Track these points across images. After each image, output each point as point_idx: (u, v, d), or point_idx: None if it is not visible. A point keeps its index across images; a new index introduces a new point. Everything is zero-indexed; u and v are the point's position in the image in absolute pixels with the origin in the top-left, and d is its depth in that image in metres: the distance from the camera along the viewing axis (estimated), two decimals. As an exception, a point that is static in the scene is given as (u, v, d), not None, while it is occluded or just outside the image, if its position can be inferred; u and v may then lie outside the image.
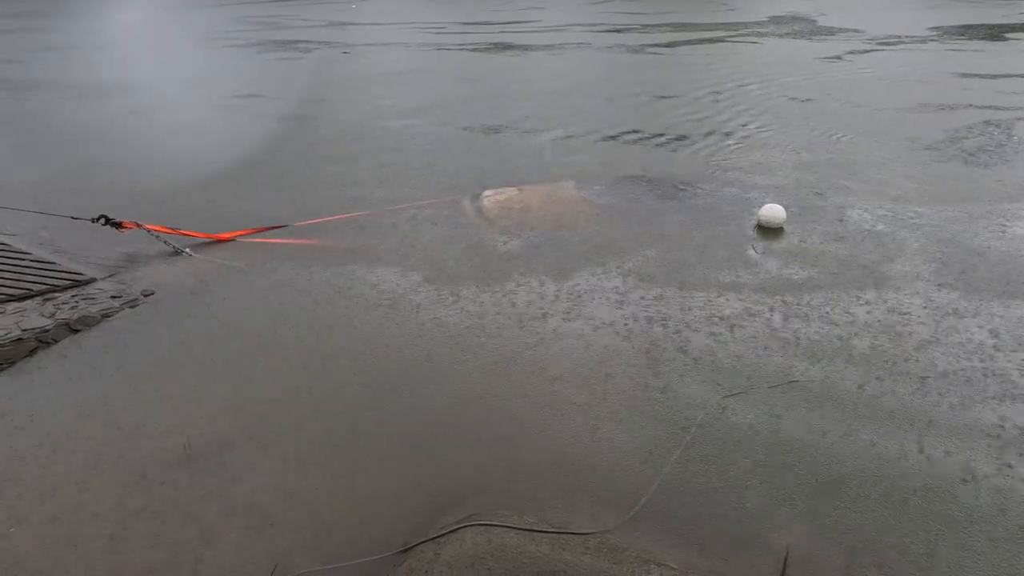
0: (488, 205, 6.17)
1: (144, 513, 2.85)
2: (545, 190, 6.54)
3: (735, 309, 4.29)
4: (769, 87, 11.15)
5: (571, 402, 3.45)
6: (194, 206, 6.32)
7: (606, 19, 22.55)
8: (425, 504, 2.86)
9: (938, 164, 7.06)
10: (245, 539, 2.72)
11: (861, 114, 9.22)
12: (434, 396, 3.54)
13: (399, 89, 11.83)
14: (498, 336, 4.06)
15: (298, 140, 8.73)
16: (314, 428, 3.34)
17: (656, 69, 13.17)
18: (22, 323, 4.23)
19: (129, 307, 4.54)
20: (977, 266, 4.78)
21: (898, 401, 3.38)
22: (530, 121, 9.32)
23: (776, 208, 5.59)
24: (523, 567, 2.50)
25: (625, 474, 2.97)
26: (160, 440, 3.27)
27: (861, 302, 4.34)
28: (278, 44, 18.37)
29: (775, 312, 4.25)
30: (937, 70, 12.13)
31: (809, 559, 2.53)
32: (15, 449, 3.25)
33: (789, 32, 18.94)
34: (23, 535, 2.77)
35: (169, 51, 18.06)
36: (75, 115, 10.51)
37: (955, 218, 5.63)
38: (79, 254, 5.29)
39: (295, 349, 4.00)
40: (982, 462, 2.97)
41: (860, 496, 2.81)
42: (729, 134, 8.39)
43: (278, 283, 4.80)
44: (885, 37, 17.30)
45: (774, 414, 3.30)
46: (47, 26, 25.10)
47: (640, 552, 2.54)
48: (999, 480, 2.87)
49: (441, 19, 23.89)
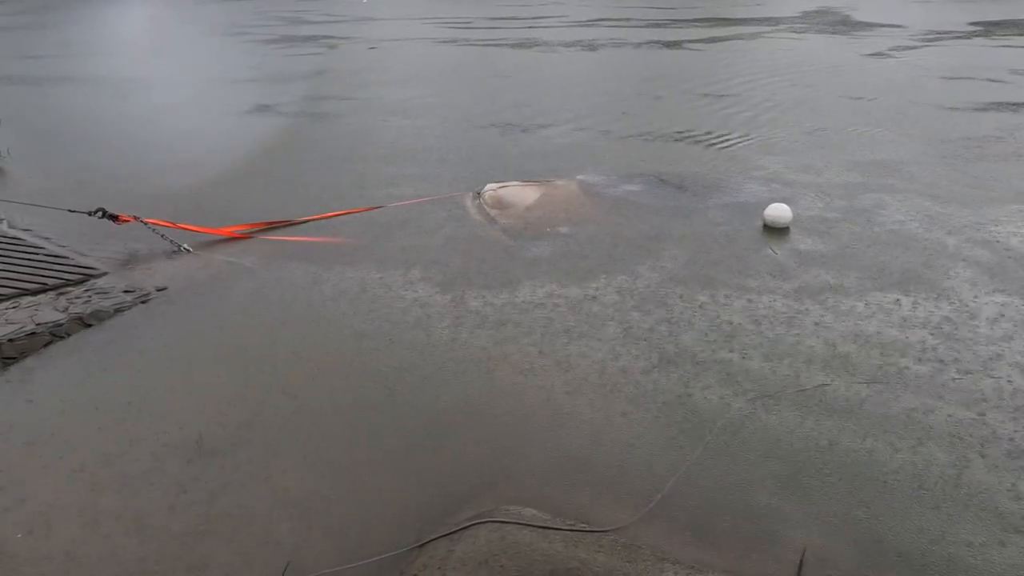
0: (490, 199, 6.30)
1: (155, 508, 2.96)
2: (572, 190, 6.62)
3: (766, 311, 4.34)
4: (819, 85, 11.18)
5: (587, 401, 3.52)
6: (205, 202, 6.48)
7: (633, 14, 22.62)
8: (438, 501, 2.94)
9: (995, 164, 7.07)
10: (258, 535, 2.82)
11: (917, 112, 9.22)
12: (447, 394, 3.64)
13: (428, 86, 12.00)
14: (511, 334, 4.15)
15: (318, 137, 8.89)
16: (327, 425, 3.45)
17: (699, 66, 13.23)
18: (36, 317, 4.38)
19: (141, 302, 4.67)
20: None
21: (930, 408, 3.42)
22: (581, 119, 9.42)
23: (782, 208, 5.63)
24: (536, 564, 2.57)
25: (641, 473, 3.04)
26: (172, 435, 3.39)
27: (898, 305, 4.37)
28: (304, 40, 18.62)
29: (809, 314, 4.30)
30: (989, 66, 12.08)
31: (825, 560, 2.58)
32: (29, 443, 3.38)
33: (826, 28, 18.90)
34: (32, 533, 2.89)
35: (189, 46, 18.32)
36: (93, 110, 10.76)
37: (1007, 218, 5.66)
38: (91, 249, 5.44)
39: (307, 347, 4.12)
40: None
41: (885, 502, 2.85)
42: (781, 132, 8.46)
43: (288, 280, 4.93)
44: (927, 33, 17.22)
45: (800, 418, 3.36)
46: (67, 20, 25.59)
47: (654, 550, 2.61)
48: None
49: (467, 14, 24.08)
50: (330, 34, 19.76)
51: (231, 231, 5.73)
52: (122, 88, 12.36)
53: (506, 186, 6.57)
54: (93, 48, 17.83)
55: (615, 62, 14.18)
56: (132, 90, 12.18)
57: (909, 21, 19.57)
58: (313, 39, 18.67)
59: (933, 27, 18.20)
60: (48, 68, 14.81)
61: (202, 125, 9.69)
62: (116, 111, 10.62)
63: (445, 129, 9.10)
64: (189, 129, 9.43)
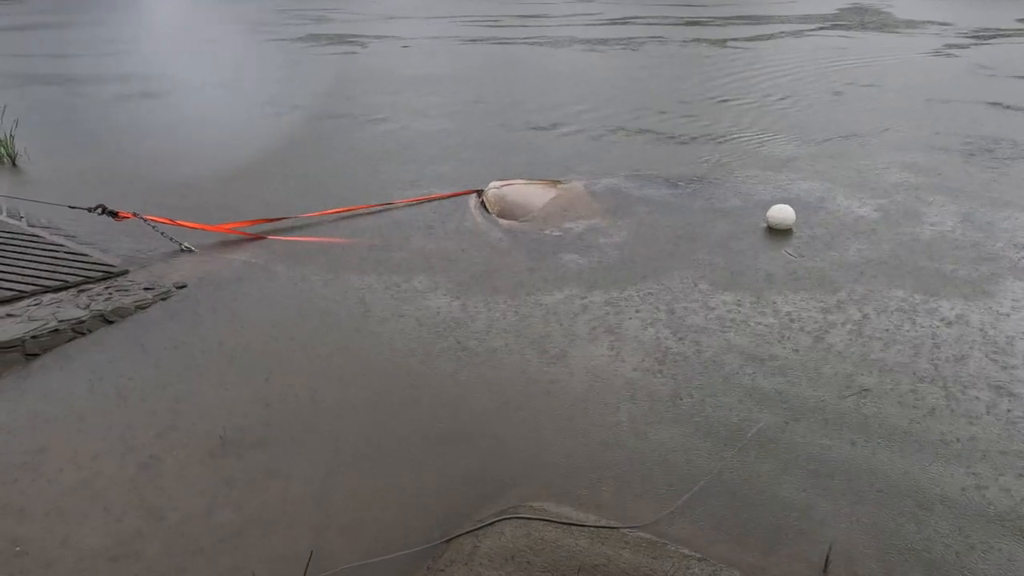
0: (492, 198, 6.49)
1: (179, 502, 3.12)
2: (578, 190, 6.75)
3: (801, 316, 4.45)
4: (886, 85, 11.27)
5: (613, 402, 3.67)
6: (217, 200, 6.70)
7: (665, 12, 22.76)
8: (463, 497, 3.09)
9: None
10: (282, 530, 2.97)
11: (999, 117, 9.24)
12: (472, 392, 3.79)
13: (462, 86, 12.23)
14: (534, 334, 4.30)
15: (342, 136, 9.10)
16: (349, 422, 3.61)
17: (752, 67, 13.27)
18: (58, 314, 4.58)
19: (161, 299, 4.87)
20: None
21: (969, 419, 3.51)
22: (676, 125, 9.55)
23: (785, 209, 5.72)
24: (562, 560, 2.70)
25: (670, 473, 3.17)
26: (196, 430, 3.56)
27: (940, 310, 4.48)
28: (332, 38, 18.89)
29: (847, 320, 4.40)
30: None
31: (850, 559, 2.69)
32: (51, 440, 3.55)
33: (872, 25, 18.90)
34: (52, 529, 3.06)
35: (219, 46, 18.59)
36: (119, 110, 11.02)
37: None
38: (112, 246, 5.66)
39: (326, 344, 4.30)
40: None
41: (919, 510, 2.95)
42: (855, 137, 8.57)
43: (304, 279, 5.14)
44: (977, 30, 17.20)
45: (837, 425, 3.47)
46: (90, 19, 26.11)
47: (680, 547, 2.72)
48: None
49: (495, 12, 24.31)
50: (358, 32, 20.03)
51: (228, 228, 5.94)
52: (151, 87, 12.66)
53: (510, 184, 6.75)
54: (119, 47, 18.21)
55: (659, 61, 14.31)
56: (162, 90, 12.46)
57: (955, 18, 19.54)
58: (341, 38, 18.94)
59: (981, 25, 18.16)
60: (76, 67, 15.14)
61: (233, 125, 9.90)
62: (144, 111, 10.88)
63: (474, 128, 9.30)
64: (217, 129, 9.67)
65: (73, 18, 26.58)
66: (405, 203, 6.54)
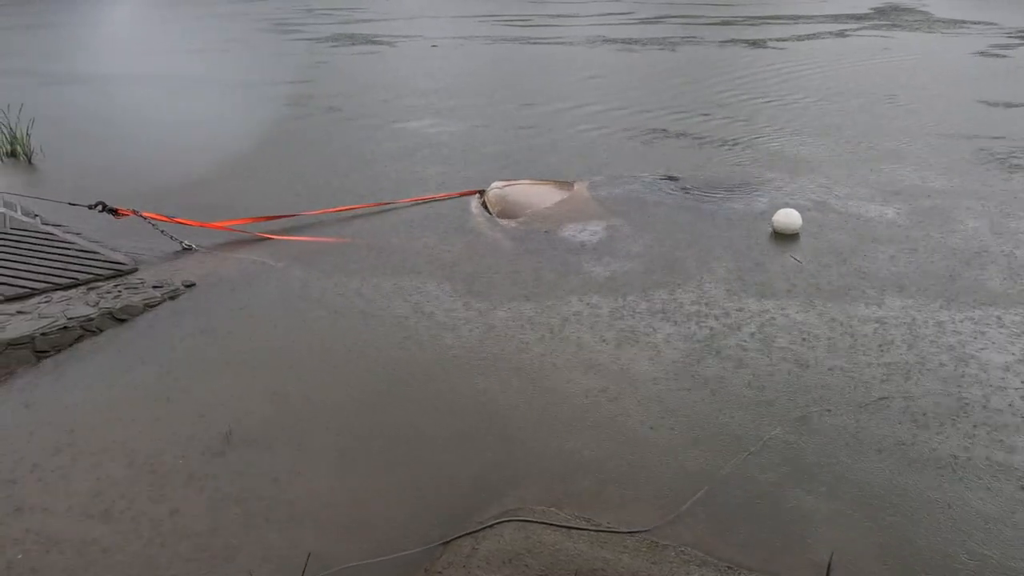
0: (494, 198, 6.58)
1: (184, 500, 3.22)
2: (581, 191, 6.80)
3: (820, 322, 4.48)
4: (944, 88, 11.19)
5: (615, 406, 3.73)
6: (227, 198, 6.85)
7: (696, 11, 22.76)
8: (463, 499, 3.16)
9: None
10: (283, 530, 3.06)
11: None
12: (473, 393, 3.87)
13: (483, 85, 12.41)
14: (541, 334, 4.36)
15: (362, 136, 9.26)
16: (352, 422, 3.70)
17: (801, 68, 13.21)
18: (68, 311, 4.71)
19: (170, 298, 5.00)
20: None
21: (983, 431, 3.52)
22: (712, 127, 9.60)
23: (792, 213, 5.71)
24: (560, 564, 2.75)
25: (671, 479, 3.21)
26: (201, 428, 3.66)
27: (972, 320, 4.49)
28: (357, 38, 19.12)
29: (863, 331, 4.41)
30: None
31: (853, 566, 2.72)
32: (61, 437, 3.67)
33: (912, 25, 18.77)
34: (54, 527, 3.16)
35: (246, 46, 18.79)
36: (139, 108, 11.26)
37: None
38: (121, 244, 5.80)
39: (331, 344, 4.41)
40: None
41: (922, 515, 2.97)
42: (901, 138, 8.59)
43: (309, 279, 5.27)
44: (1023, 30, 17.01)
45: (847, 435, 3.49)
46: (111, 18, 26.61)
47: (680, 552, 2.76)
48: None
49: (526, 11, 24.44)
50: (384, 32, 20.23)
51: (226, 225, 6.06)
52: (173, 86, 12.91)
53: (512, 184, 6.82)
54: (144, 46, 18.56)
55: (698, 61, 14.32)
56: (185, 88, 12.71)
57: (998, 18, 19.35)
58: (365, 37, 19.12)
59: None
60: (96, 65, 15.46)
61: (248, 124, 10.06)
62: (164, 110, 11.12)
63: (489, 129, 9.43)
64: (232, 128, 9.84)
65: (96, 16, 27.13)
66: (408, 202, 6.66)
